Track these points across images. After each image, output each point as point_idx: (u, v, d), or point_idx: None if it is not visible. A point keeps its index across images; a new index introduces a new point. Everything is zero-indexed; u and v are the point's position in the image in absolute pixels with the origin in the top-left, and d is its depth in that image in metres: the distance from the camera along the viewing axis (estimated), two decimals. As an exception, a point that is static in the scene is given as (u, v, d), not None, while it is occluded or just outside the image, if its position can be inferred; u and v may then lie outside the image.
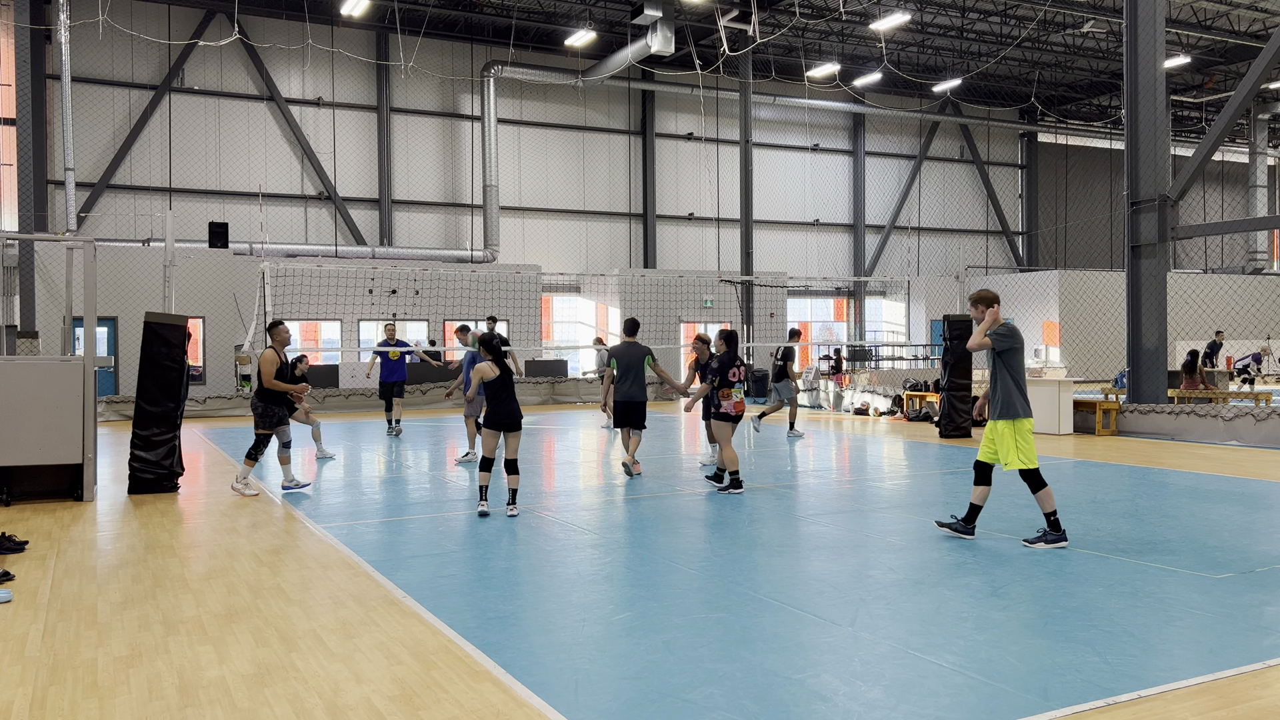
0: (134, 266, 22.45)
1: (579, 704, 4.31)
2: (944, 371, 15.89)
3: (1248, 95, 15.08)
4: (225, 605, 5.97)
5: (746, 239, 28.03)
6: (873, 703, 4.30)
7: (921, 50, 33.26)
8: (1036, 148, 40.35)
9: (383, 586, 6.37)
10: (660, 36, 25.52)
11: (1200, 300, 31.28)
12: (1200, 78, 36.06)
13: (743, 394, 10.41)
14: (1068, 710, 4.19)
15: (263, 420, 10.28)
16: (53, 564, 7.11)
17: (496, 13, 28.54)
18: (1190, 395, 18.34)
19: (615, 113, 32.34)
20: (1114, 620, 5.46)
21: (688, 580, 6.47)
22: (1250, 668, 4.71)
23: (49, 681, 4.68)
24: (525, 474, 11.42)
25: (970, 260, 38.90)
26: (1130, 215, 15.97)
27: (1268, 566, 6.70)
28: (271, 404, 10.29)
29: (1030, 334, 32.94)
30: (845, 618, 5.56)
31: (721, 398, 10.30)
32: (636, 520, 8.65)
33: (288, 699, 4.41)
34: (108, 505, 9.70)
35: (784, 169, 35.29)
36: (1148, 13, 15.69)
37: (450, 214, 30.03)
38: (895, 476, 11.39)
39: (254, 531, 8.27)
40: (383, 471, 12.00)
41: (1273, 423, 14.19)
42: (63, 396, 9.74)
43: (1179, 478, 11.07)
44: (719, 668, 4.74)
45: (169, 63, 26.41)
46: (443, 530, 8.26)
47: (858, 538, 7.81)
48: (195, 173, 26.84)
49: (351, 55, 28.16)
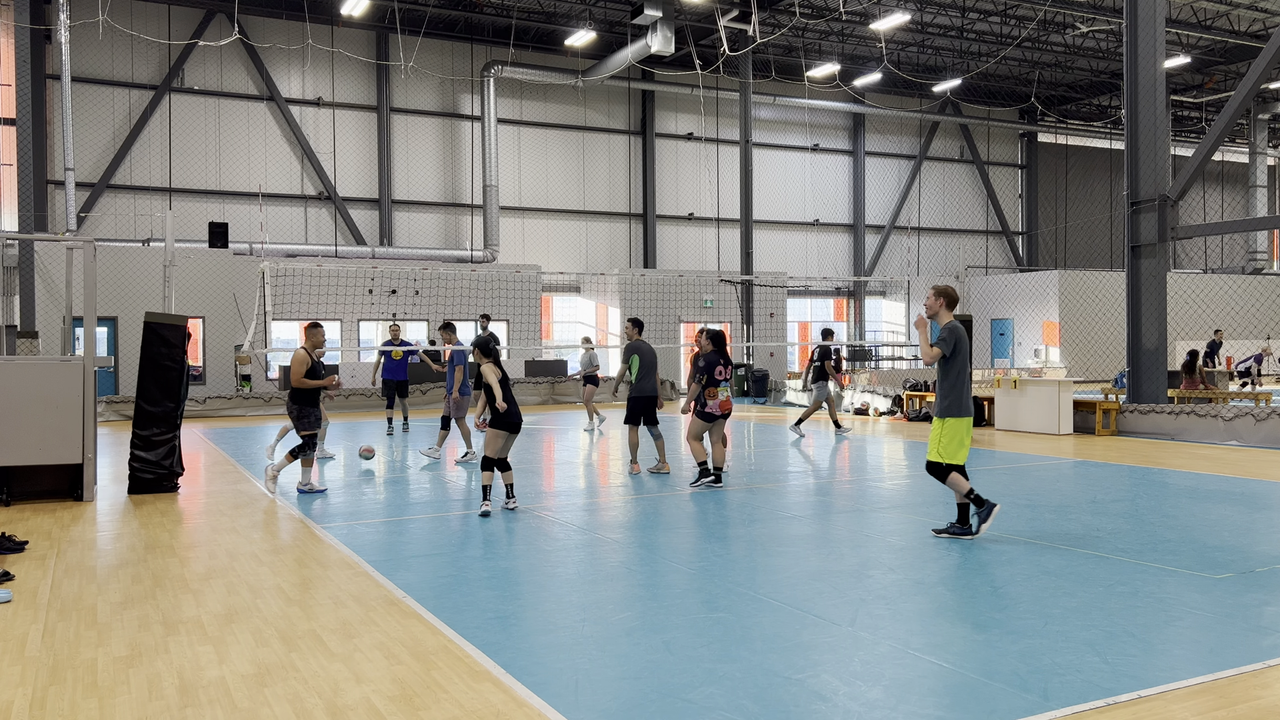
0: (134, 266, 22.46)
1: (579, 704, 4.31)
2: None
3: (1248, 95, 15.08)
4: (225, 605, 5.97)
5: (746, 239, 28.04)
6: (873, 703, 4.30)
7: (921, 50, 33.26)
8: (1036, 148, 40.35)
9: (383, 586, 6.37)
10: (660, 36, 25.52)
11: (1200, 300, 31.28)
12: (1200, 78, 36.06)
13: (729, 393, 10.47)
14: (1068, 710, 4.19)
15: (301, 423, 10.14)
16: (53, 564, 7.11)
17: (496, 13, 28.53)
18: (1190, 395, 18.34)
19: (615, 113, 32.34)
20: (1114, 620, 5.46)
21: (688, 580, 6.47)
22: (1250, 668, 4.71)
23: (49, 681, 4.68)
24: (525, 474, 11.44)
25: (970, 260, 38.90)
26: (1130, 215, 15.97)
27: (1268, 566, 6.70)
28: (305, 405, 10.15)
29: (1030, 334, 32.93)
30: (845, 618, 5.56)
31: (708, 396, 10.34)
32: (636, 520, 8.65)
33: (288, 699, 4.41)
34: (108, 505, 9.70)
35: (784, 169, 35.29)
36: (1148, 13, 15.69)
37: (450, 214, 30.03)
38: (895, 476, 11.39)
39: (254, 531, 8.27)
40: (383, 471, 12.00)
41: (1273, 423, 14.19)
42: (63, 396, 9.74)
43: (1179, 478, 11.07)
44: (719, 668, 4.74)
45: (169, 63, 26.41)
46: (443, 530, 8.26)
47: (858, 538, 7.81)
48: (195, 173, 26.83)
49: (351, 55, 28.16)
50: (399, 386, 16.78)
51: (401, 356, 16.54)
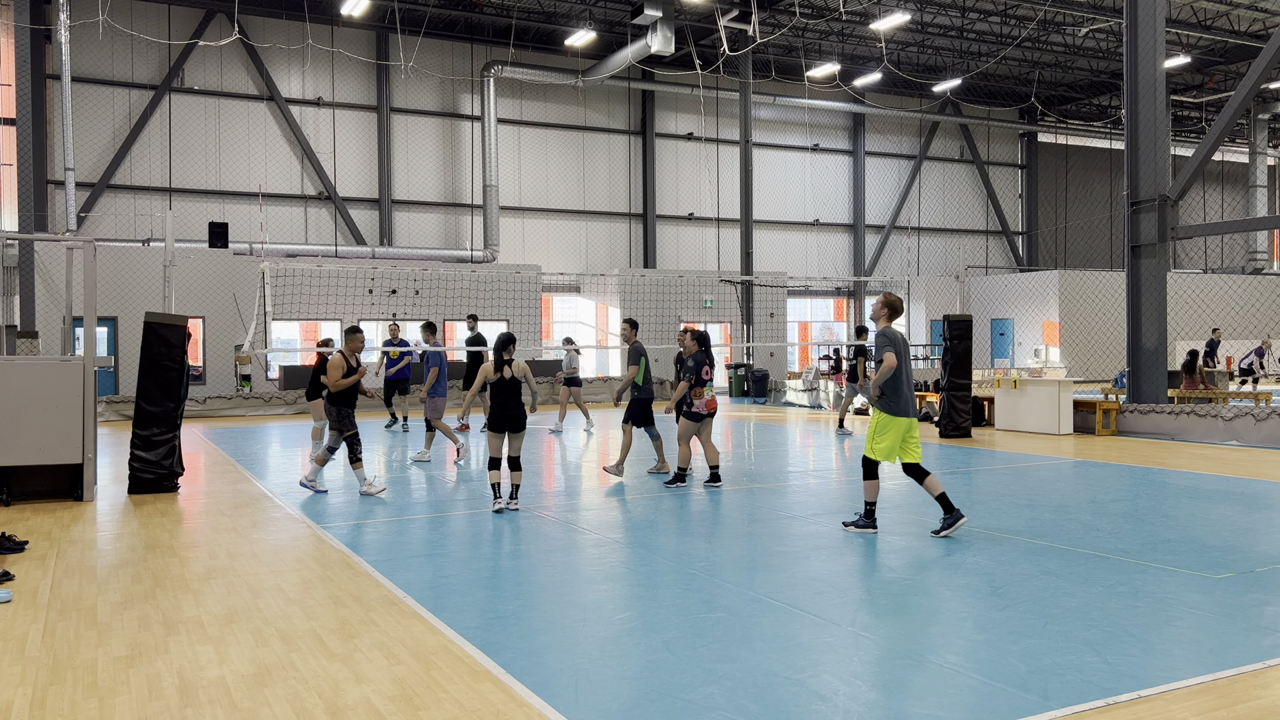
0: (134, 266, 22.46)
1: (579, 704, 4.31)
2: (944, 371, 15.90)
3: (1248, 95, 15.08)
4: (225, 605, 5.97)
5: (746, 239, 28.03)
6: (873, 703, 4.30)
7: (921, 50, 33.26)
8: (1036, 148, 40.34)
9: (383, 586, 6.37)
10: (660, 36, 25.52)
11: (1200, 300, 31.28)
12: (1200, 78, 36.06)
13: (713, 392, 10.52)
14: (1068, 710, 4.19)
15: (341, 424, 10.13)
16: (53, 564, 7.11)
17: (496, 13, 28.53)
18: (1190, 395, 18.33)
19: (615, 113, 32.33)
20: (1114, 620, 5.46)
21: (688, 580, 6.47)
22: (1250, 668, 4.71)
23: (49, 681, 4.68)
24: (526, 474, 11.42)
25: (970, 260, 38.89)
26: (1130, 215, 15.97)
27: (1268, 566, 6.70)
28: (343, 406, 10.15)
29: (1030, 334, 32.93)
30: (845, 618, 5.56)
31: (694, 396, 10.36)
32: (636, 520, 8.65)
33: (288, 699, 4.41)
34: (108, 505, 9.70)
35: (784, 169, 35.28)
36: (1148, 13, 15.69)
37: (450, 214, 30.02)
38: (895, 476, 11.38)
39: (254, 531, 8.27)
40: (383, 471, 12.00)
41: (1273, 423, 14.19)
42: (63, 396, 9.74)
43: (1179, 478, 11.07)
44: (719, 668, 4.74)
45: (169, 63, 26.40)
46: (443, 530, 8.26)
47: (857, 538, 7.81)
48: (195, 173, 26.83)
49: (351, 55, 28.16)
50: (400, 385, 16.87)
51: (398, 357, 16.54)
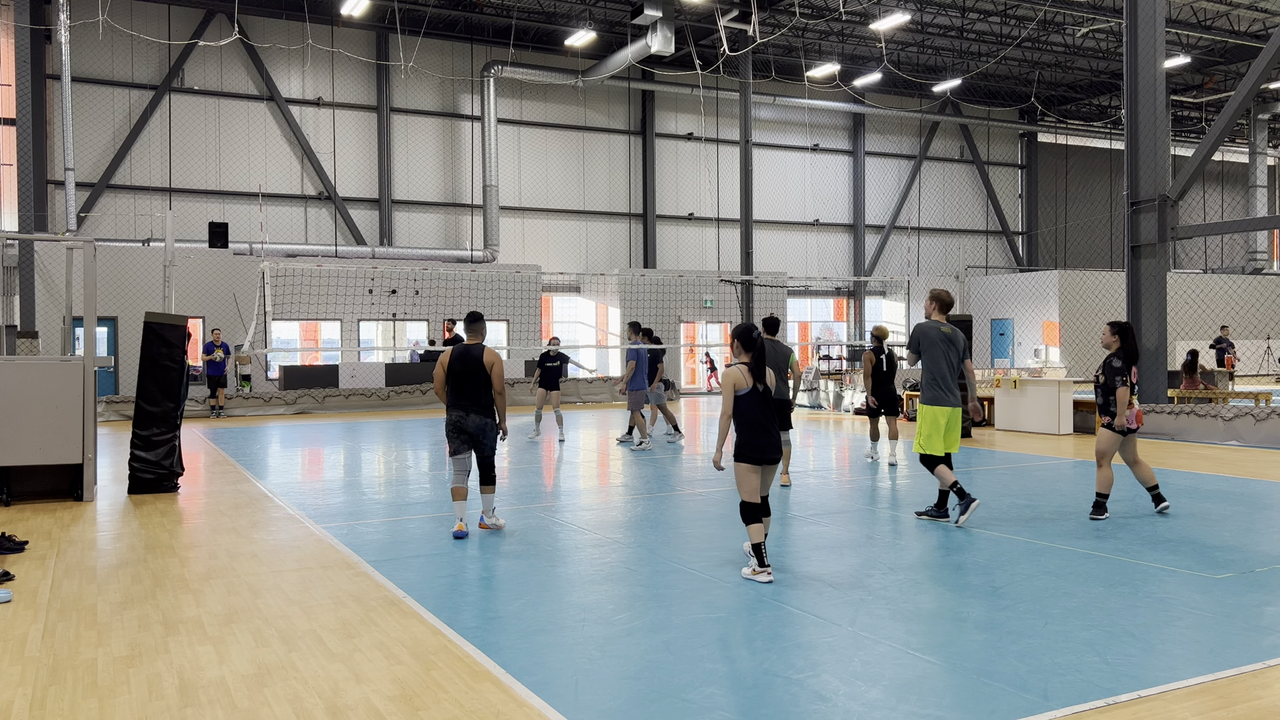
0: (134, 266, 22.46)
1: (579, 704, 4.31)
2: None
3: (1248, 95, 15.07)
4: (225, 605, 5.97)
5: (746, 239, 28.03)
6: (873, 703, 4.30)
7: (921, 50, 33.25)
8: (1036, 148, 40.34)
9: (383, 586, 6.37)
10: (660, 36, 25.51)
11: (1200, 300, 31.28)
12: (1200, 78, 36.05)
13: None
14: (1068, 710, 4.19)
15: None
16: (53, 564, 7.11)
17: (496, 13, 28.53)
18: (1190, 395, 18.33)
19: (615, 113, 32.33)
20: (1114, 620, 5.46)
21: (688, 580, 6.47)
22: (1250, 668, 4.71)
23: (49, 681, 4.68)
24: (525, 473, 11.43)
25: (970, 260, 38.89)
26: (1130, 215, 15.97)
27: (1268, 566, 6.70)
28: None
29: (1030, 334, 32.92)
30: (845, 618, 5.56)
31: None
32: (636, 520, 8.65)
33: (288, 699, 4.41)
34: (108, 505, 9.69)
35: (784, 169, 35.28)
36: (1148, 13, 15.68)
37: (450, 214, 30.02)
38: (895, 476, 11.38)
39: (254, 531, 8.27)
40: (382, 471, 12.00)
41: (1273, 423, 14.18)
42: (63, 396, 9.73)
43: (1179, 478, 11.07)
44: (719, 668, 4.74)
45: (169, 63, 26.40)
46: (443, 530, 8.25)
47: (858, 538, 7.81)
48: (195, 173, 26.83)
49: (351, 55, 28.15)
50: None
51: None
